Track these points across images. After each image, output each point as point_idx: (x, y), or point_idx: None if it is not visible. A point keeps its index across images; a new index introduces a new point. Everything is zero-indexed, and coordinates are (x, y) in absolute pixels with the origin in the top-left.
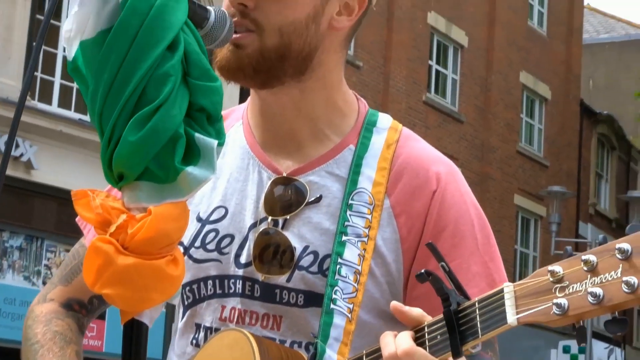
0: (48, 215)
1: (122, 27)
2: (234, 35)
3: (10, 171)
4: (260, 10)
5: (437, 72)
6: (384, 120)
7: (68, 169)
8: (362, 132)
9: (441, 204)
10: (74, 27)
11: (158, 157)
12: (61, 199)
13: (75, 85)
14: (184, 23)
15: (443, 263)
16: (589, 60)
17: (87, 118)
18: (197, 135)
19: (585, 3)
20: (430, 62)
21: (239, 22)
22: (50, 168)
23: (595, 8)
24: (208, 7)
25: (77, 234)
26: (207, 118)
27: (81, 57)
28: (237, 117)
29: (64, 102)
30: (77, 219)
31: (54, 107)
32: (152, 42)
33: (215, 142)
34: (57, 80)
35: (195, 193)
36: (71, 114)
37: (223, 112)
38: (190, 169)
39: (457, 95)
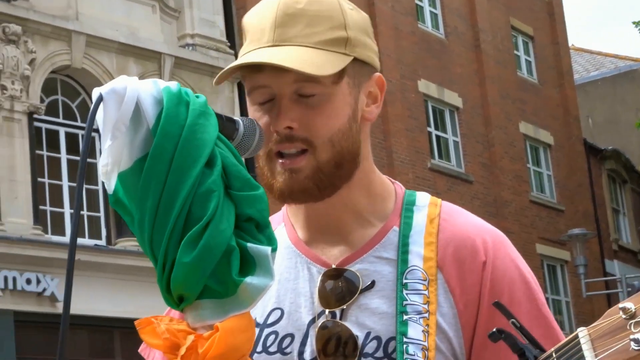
0: (80, 344)
1: (157, 152)
2: (288, 161)
3: (36, 307)
4: (307, 129)
5: (438, 137)
6: (423, 198)
7: (92, 295)
8: (403, 213)
9: (493, 273)
10: (110, 161)
11: (215, 273)
12: (90, 326)
13: (84, 213)
14: (217, 137)
15: (513, 320)
16: (584, 99)
17: (102, 243)
18: (249, 245)
19: (569, 44)
20: (429, 128)
21: (289, 146)
22: (75, 298)
23: (580, 47)
24: (235, 118)
25: (110, 358)
26: (256, 226)
27: (121, 188)
28: (278, 220)
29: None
30: (140, 349)
31: (68, 238)
32: (190, 162)
33: (268, 249)
34: (67, 210)
35: (258, 302)
36: (86, 241)
37: None
38: (249, 279)
39: (462, 157)
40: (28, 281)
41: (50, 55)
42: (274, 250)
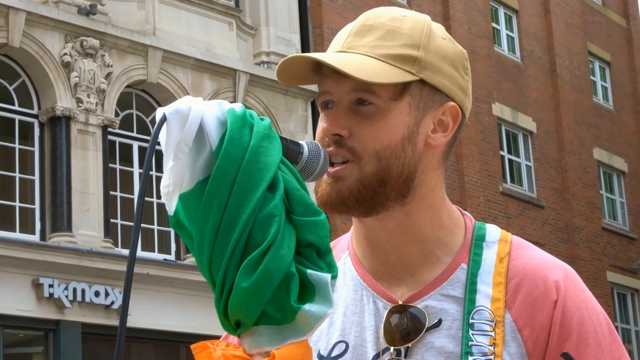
0: (146, 358)
1: (219, 174)
2: (332, 169)
3: (104, 320)
4: (356, 138)
5: (510, 161)
6: (493, 232)
7: (160, 309)
8: (473, 249)
9: (563, 312)
10: (172, 182)
11: (273, 299)
12: (157, 340)
13: (155, 227)
14: (280, 161)
15: None
16: None
17: (171, 258)
18: (309, 271)
19: None
20: (501, 152)
21: (335, 153)
22: (143, 311)
23: None
24: (300, 142)
25: None
26: (317, 253)
27: (182, 210)
28: (343, 247)
29: (147, 245)
30: None
31: (138, 252)
32: (252, 185)
33: (328, 276)
34: None
35: (316, 330)
36: (155, 255)
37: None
38: (307, 306)
39: (534, 181)
40: (96, 294)
41: (127, 70)
42: (334, 277)
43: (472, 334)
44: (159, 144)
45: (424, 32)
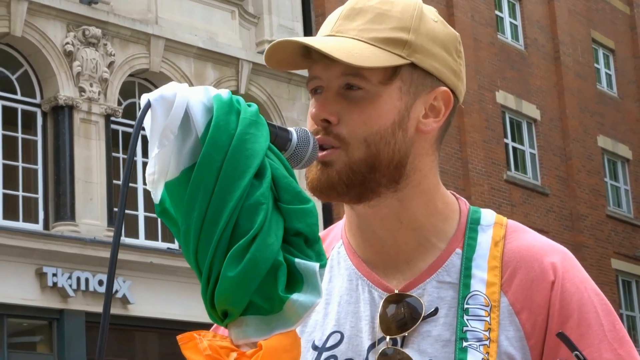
0: (150, 347)
1: (205, 162)
2: (321, 153)
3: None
4: (344, 124)
5: (514, 148)
6: (488, 216)
7: (163, 298)
8: (467, 233)
9: (562, 294)
10: (157, 169)
11: (260, 289)
12: (161, 329)
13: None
14: (268, 148)
15: (577, 352)
16: None
17: (175, 246)
18: (297, 260)
19: None
20: (505, 140)
21: (324, 139)
22: (146, 300)
23: None
24: (289, 129)
25: None
26: (305, 241)
27: (168, 198)
28: (336, 236)
29: (150, 234)
30: None
31: (141, 240)
32: (238, 172)
33: (316, 265)
34: (141, 213)
35: (304, 320)
36: (159, 244)
37: (321, 233)
38: (295, 296)
39: (538, 169)
40: (100, 283)
41: (129, 59)
42: (322, 266)
43: (467, 319)
44: (144, 129)
45: (415, 15)
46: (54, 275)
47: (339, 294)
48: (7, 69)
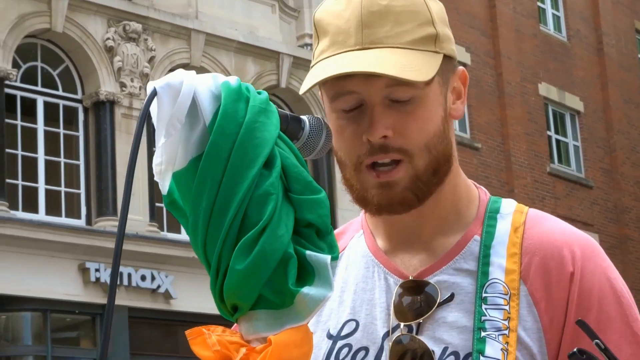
0: None
1: (213, 151)
2: (382, 175)
3: (150, 304)
4: (402, 136)
5: (558, 141)
6: (508, 205)
7: (206, 293)
8: (486, 221)
9: (581, 285)
10: (164, 159)
11: (270, 282)
12: (204, 324)
13: None
14: (278, 137)
15: (597, 340)
16: None
17: None
18: (308, 252)
19: None
20: (548, 132)
21: (383, 157)
22: (188, 295)
23: None
24: (302, 117)
25: None
26: (317, 233)
27: (176, 189)
28: (356, 227)
29: None
30: None
31: (183, 235)
32: (247, 162)
33: (328, 258)
34: None
35: (315, 314)
36: None
37: (342, 226)
38: (306, 289)
39: (582, 161)
40: (143, 278)
41: (170, 54)
42: (334, 258)
43: (485, 309)
44: (150, 118)
45: (425, 3)
46: (97, 270)
47: (355, 282)
48: (48, 64)
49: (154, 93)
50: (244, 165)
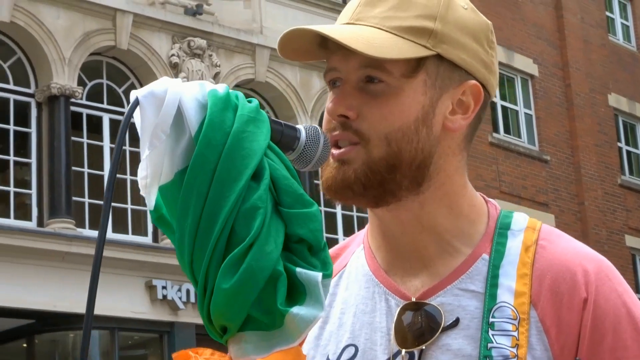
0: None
1: (198, 163)
2: (338, 151)
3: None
4: (363, 120)
5: (628, 152)
6: (520, 220)
7: None
8: (496, 238)
9: (594, 312)
10: (149, 173)
11: (259, 301)
12: None
13: None
14: (268, 147)
15: None
16: None
17: None
18: (298, 270)
19: None
20: (619, 143)
21: (341, 136)
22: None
23: None
24: (297, 126)
25: None
26: (309, 249)
27: (164, 204)
28: (358, 241)
29: None
30: None
31: None
32: (234, 174)
33: (319, 275)
34: None
35: (305, 335)
36: None
37: (346, 240)
38: (295, 309)
39: None
40: None
41: (234, 69)
42: (327, 276)
43: (492, 335)
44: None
45: (442, 2)
46: (164, 287)
47: (355, 303)
48: (114, 82)
49: (136, 102)
50: (230, 177)
